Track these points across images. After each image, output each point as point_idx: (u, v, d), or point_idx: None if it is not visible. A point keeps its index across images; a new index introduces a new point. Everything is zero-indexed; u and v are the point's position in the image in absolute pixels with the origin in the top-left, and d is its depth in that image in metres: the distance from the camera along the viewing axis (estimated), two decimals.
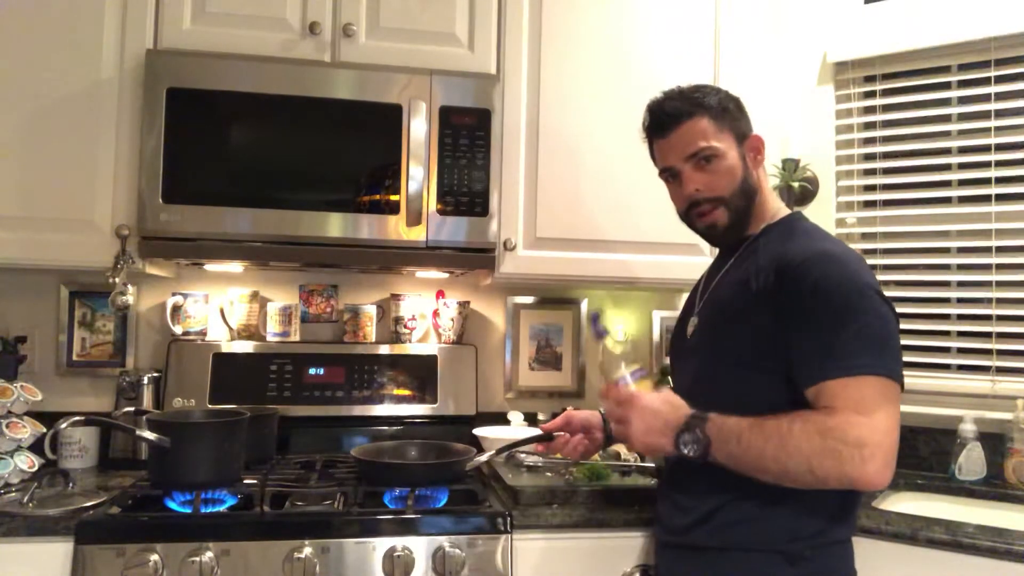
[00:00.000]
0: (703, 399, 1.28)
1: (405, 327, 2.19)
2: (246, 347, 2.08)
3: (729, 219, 1.36)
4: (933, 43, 2.15)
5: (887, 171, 2.27)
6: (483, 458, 1.66)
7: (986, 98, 2.12)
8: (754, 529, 1.21)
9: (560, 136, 2.00)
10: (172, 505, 1.54)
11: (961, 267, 2.16)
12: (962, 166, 2.17)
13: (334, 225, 1.81)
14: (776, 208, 1.40)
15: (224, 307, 2.11)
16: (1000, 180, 2.10)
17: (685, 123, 1.35)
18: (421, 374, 2.14)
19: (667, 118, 1.37)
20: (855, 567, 1.28)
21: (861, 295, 1.16)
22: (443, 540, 1.50)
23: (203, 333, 2.10)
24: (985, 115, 2.12)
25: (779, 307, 1.20)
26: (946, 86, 2.19)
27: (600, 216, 2.01)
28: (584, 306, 2.36)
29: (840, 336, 1.14)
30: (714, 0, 2.09)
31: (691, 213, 1.39)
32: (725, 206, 1.36)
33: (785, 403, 1.19)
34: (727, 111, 1.36)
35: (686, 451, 1.20)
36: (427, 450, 1.82)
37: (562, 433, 1.59)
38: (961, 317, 2.16)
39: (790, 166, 2.26)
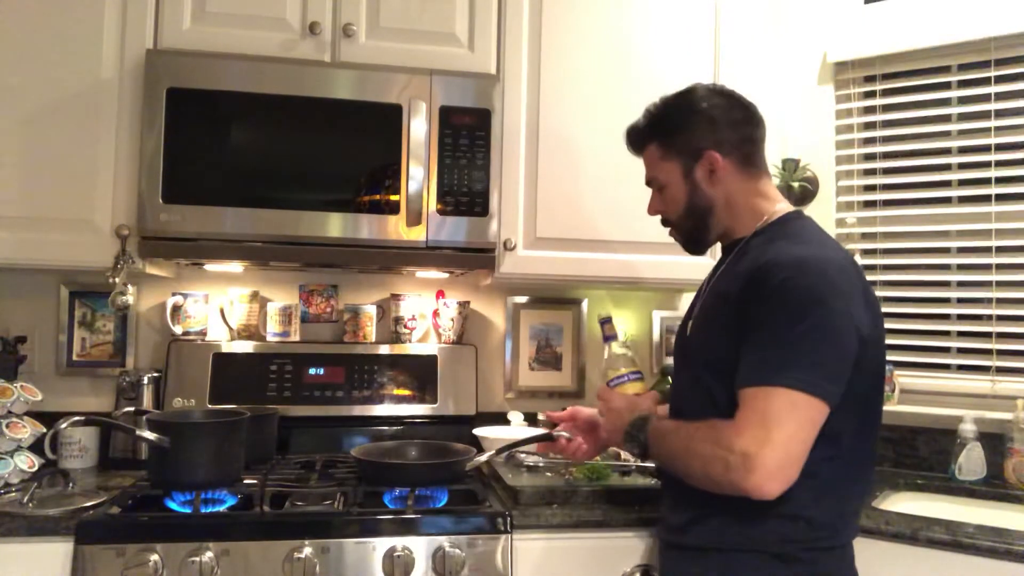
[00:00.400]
0: (691, 404, 1.33)
1: (405, 327, 2.19)
2: (246, 347, 2.08)
3: (683, 238, 1.45)
4: (933, 43, 2.15)
5: (887, 171, 2.27)
6: (483, 458, 1.66)
7: (986, 98, 2.12)
8: (746, 530, 1.20)
9: (560, 136, 2.00)
10: (172, 505, 1.54)
11: (961, 267, 2.16)
12: (962, 166, 2.17)
13: (334, 225, 1.81)
14: (770, 209, 1.35)
15: (224, 307, 2.11)
16: (1000, 180, 2.10)
17: (643, 151, 1.45)
18: (421, 374, 2.14)
19: (630, 146, 1.48)
20: (855, 569, 1.27)
21: (814, 305, 1.12)
22: (443, 540, 1.50)
23: (203, 333, 2.10)
24: (985, 115, 2.12)
25: (744, 312, 1.20)
26: (946, 86, 2.19)
27: (600, 216, 2.01)
28: (584, 306, 2.37)
29: (773, 345, 1.13)
30: (714, 0, 2.09)
31: None
32: (675, 228, 1.45)
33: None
34: (677, 131, 1.37)
35: (629, 449, 1.34)
36: (427, 450, 1.82)
37: (564, 434, 1.59)
38: (961, 317, 2.16)
39: (790, 166, 2.26)
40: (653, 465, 1.74)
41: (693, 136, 1.36)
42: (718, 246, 1.47)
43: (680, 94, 1.41)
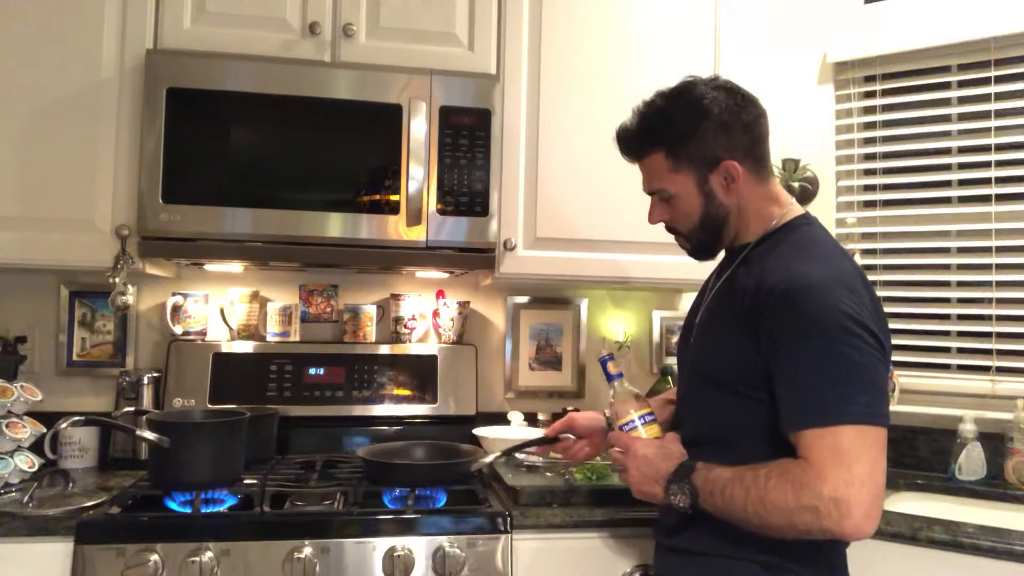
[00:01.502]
0: (691, 416, 1.32)
1: (405, 327, 2.19)
2: (246, 347, 2.08)
3: (693, 248, 1.38)
4: (933, 43, 2.15)
5: (887, 171, 2.27)
6: (488, 459, 1.66)
7: (986, 98, 2.12)
8: (733, 537, 1.17)
9: (560, 136, 2.00)
10: (172, 505, 1.54)
11: (961, 267, 2.16)
12: (962, 166, 2.17)
13: (334, 225, 1.81)
14: (778, 212, 1.29)
15: (224, 307, 2.11)
16: (1000, 180, 2.10)
17: (644, 159, 1.34)
18: (421, 374, 2.14)
19: (627, 153, 1.38)
20: None
21: (840, 331, 1.09)
22: (443, 540, 1.50)
23: (203, 333, 2.10)
24: (985, 115, 2.12)
25: (757, 336, 1.16)
26: (946, 86, 2.19)
27: (600, 216, 2.01)
28: (584, 306, 2.37)
29: (815, 381, 1.09)
30: (714, 0, 2.09)
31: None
32: (685, 239, 1.37)
33: (762, 427, 1.17)
34: (689, 138, 1.27)
35: (675, 501, 1.19)
36: (434, 451, 1.82)
37: (571, 436, 1.58)
38: (961, 317, 2.16)
39: (790, 166, 2.26)
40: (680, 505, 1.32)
41: (707, 144, 1.26)
42: None
43: (681, 93, 1.31)
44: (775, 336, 1.13)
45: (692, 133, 1.27)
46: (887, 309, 2.21)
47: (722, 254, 1.41)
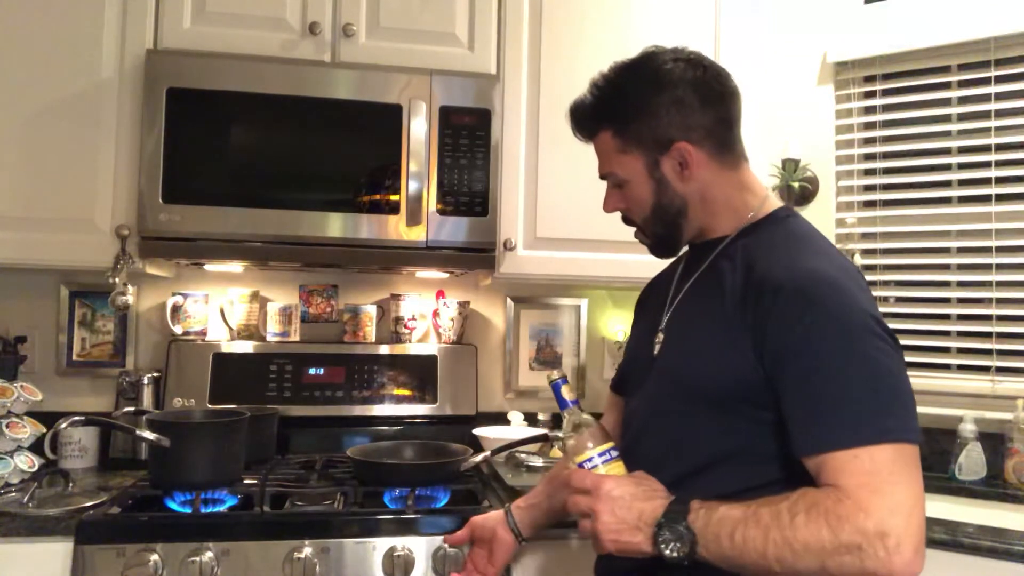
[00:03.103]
0: (658, 435, 1.11)
1: (405, 327, 2.19)
2: (246, 347, 2.08)
3: (651, 242, 1.22)
4: (933, 43, 2.15)
5: (887, 171, 2.27)
6: (478, 459, 1.66)
7: (986, 98, 2.12)
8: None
9: (560, 136, 1.99)
10: (172, 505, 1.54)
11: (961, 267, 2.16)
12: (962, 166, 2.16)
13: (334, 225, 1.81)
14: (755, 203, 1.14)
15: (224, 307, 2.11)
16: (1000, 180, 2.10)
17: (594, 138, 1.20)
18: (421, 374, 2.14)
19: (578, 131, 1.23)
20: None
21: (863, 332, 0.93)
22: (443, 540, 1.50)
23: (203, 333, 2.10)
24: (985, 115, 2.12)
25: (761, 342, 0.98)
26: (946, 86, 2.19)
27: (600, 216, 1.98)
28: (584, 306, 2.36)
29: (841, 393, 0.92)
30: (714, 0, 2.09)
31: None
32: (641, 231, 1.21)
33: (765, 452, 1.00)
34: (636, 116, 1.12)
35: (668, 551, 0.95)
36: (424, 450, 1.82)
37: (559, 434, 1.46)
38: (961, 317, 2.16)
39: (790, 166, 2.26)
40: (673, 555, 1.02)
41: (658, 123, 1.11)
42: None
43: (637, 64, 1.15)
44: (785, 340, 0.96)
45: (642, 109, 1.11)
46: (887, 309, 2.23)
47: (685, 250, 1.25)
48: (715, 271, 1.11)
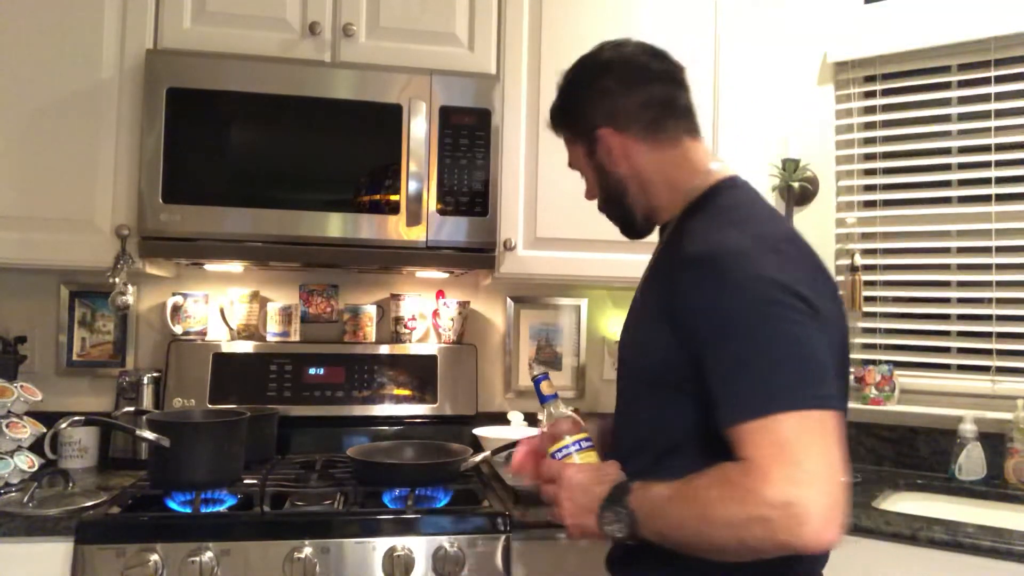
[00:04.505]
0: (624, 424, 1.15)
1: (405, 327, 2.19)
2: (246, 347, 2.08)
3: (616, 224, 1.26)
4: (933, 43, 2.15)
5: (887, 171, 2.27)
6: (477, 459, 1.66)
7: (986, 98, 2.12)
8: (690, 568, 0.98)
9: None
10: (172, 505, 1.54)
11: (961, 267, 2.16)
12: (962, 166, 2.17)
13: (334, 225, 1.81)
14: (694, 180, 1.13)
15: (224, 307, 2.11)
16: (1000, 180, 2.10)
17: (558, 133, 1.29)
18: (421, 374, 2.14)
19: (553, 131, 1.31)
20: None
21: (767, 302, 0.92)
22: (443, 540, 1.50)
23: (203, 333, 2.10)
24: (985, 115, 2.12)
25: (679, 321, 0.99)
26: (946, 86, 2.19)
27: (600, 216, 2.00)
28: (584, 306, 2.36)
29: (747, 364, 0.91)
30: (714, 0, 2.09)
31: None
32: (605, 214, 1.27)
33: (700, 430, 0.98)
34: (572, 110, 1.21)
35: (612, 531, 0.99)
36: (423, 450, 1.82)
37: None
38: (961, 317, 2.16)
39: (790, 166, 2.26)
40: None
41: (586, 113, 1.18)
42: None
43: (575, 63, 1.23)
44: (696, 316, 0.96)
45: (573, 102, 1.21)
46: (887, 310, 2.23)
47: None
48: (661, 253, 1.15)
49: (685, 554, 0.95)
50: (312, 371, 2.08)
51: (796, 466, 0.84)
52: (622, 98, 1.15)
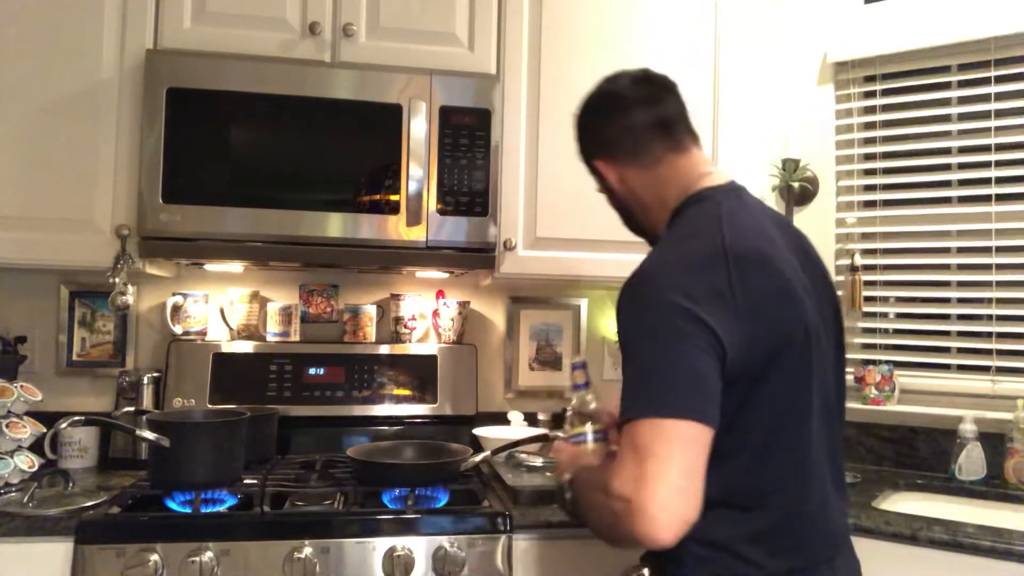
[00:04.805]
0: None
1: (405, 327, 2.19)
2: (246, 347, 2.08)
3: (646, 240, 1.33)
4: (933, 43, 2.15)
5: (887, 171, 2.27)
6: (477, 459, 1.66)
7: (986, 98, 2.12)
8: (672, 557, 1.08)
9: (560, 136, 1.99)
10: (172, 505, 1.54)
11: (961, 267, 2.16)
12: (962, 166, 2.17)
13: (334, 225, 1.81)
14: (675, 199, 1.20)
15: (224, 307, 2.11)
16: (1000, 180, 2.10)
17: None
18: (421, 374, 2.14)
19: None
20: None
21: (641, 320, 1.03)
22: (443, 540, 1.50)
23: (203, 333, 2.10)
24: (985, 115, 2.12)
25: None
26: (946, 86, 2.19)
27: (600, 216, 1.99)
28: (584, 306, 2.36)
29: (629, 375, 1.02)
30: (714, 0, 2.09)
31: None
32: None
33: None
34: (581, 148, 1.32)
35: (564, 510, 1.17)
36: (424, 450, 1.82)
37: (559, 434, 1.57)
38: (961, 317, 2.16)
39: (790, 166, 2.26)
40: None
41: (584, 148, 1.32)
42: None
43: (580, 102, 1.34)
44: (619, 332, 1.08)
45: (578, 141, 1.33)
46: (886, 310, 2.23)
47: None
48: None
49: (709, 554, 1.05)
50: (312, 371, 2.08)
51: (637, 466, 0.94)
52: (605, 129, 1.26)
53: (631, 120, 1.23)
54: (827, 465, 1.13)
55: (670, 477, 0.93)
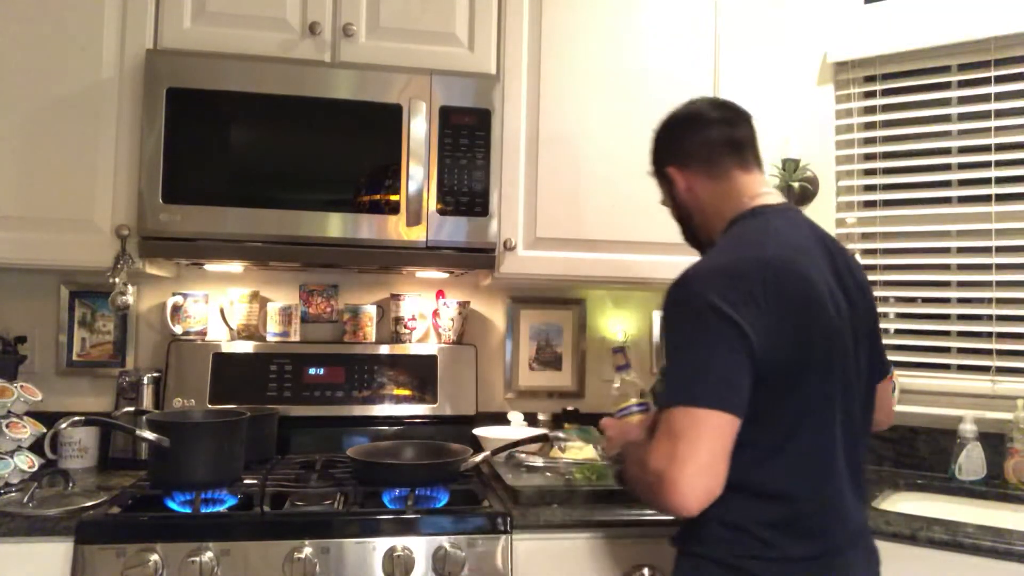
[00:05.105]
0: None
1: (405, 327, 2.19)
2: (246, 347, 2.08)
3: (694, 247, 1.46)
4: (933, 43, 2.15)
5: (887, 171, 2.27)
6: (478, 459, 1.67)
7: (986, 98, 2.12)
8: (697, 536, 1.21)
9: (560, 136, 2.00)
10: (172, 505, 1.54)
11: (961, 267, 2.16)
12: (962, 166, 2.17)
13: (334, 225, 1.81)
14: (732, 212, 1.32)
15: (224, 307, 2.11)
16: (1000, 180, 2.10)
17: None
18: (421, 374, 2.14)
19: None
20: None
21: (683, 317, 1.17)
22: (443, 540, 1.50)
23: (203, 333, 2.10)
24: (985, 115, 2.12)
25: None
26: (946, 86, 2.19)
27: (600, 216, 2.01)
28: (584, 306, 2.36)
29: (670, 367, 1.18)
30: (714, 0, 2.09)
31: None
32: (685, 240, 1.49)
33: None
34: (655, 158, 1.45)
35: (614, 473, 1.35)
36: (424, 450, 1.82)
37: (559, 434, 1.65)
38: (961, 317, 2.16)
39: (790, 166, 2.26)
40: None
41: (660, 156, 1.43)
42: None
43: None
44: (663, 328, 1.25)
45: (654, 151, 1.45)
46: (886, 309, 2.23)
47: None
48: None
49: (731, 535, 1.17)
50: (312, 371, 2.08)
51: (672, 446, 1.09)
52: (684, 140, 1.38)
53: (708, 135, 1.36)
54: (844, 465, 1.22)
55: (699, 457, 1.08)
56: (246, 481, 1.62)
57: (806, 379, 1.17)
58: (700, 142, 1.37)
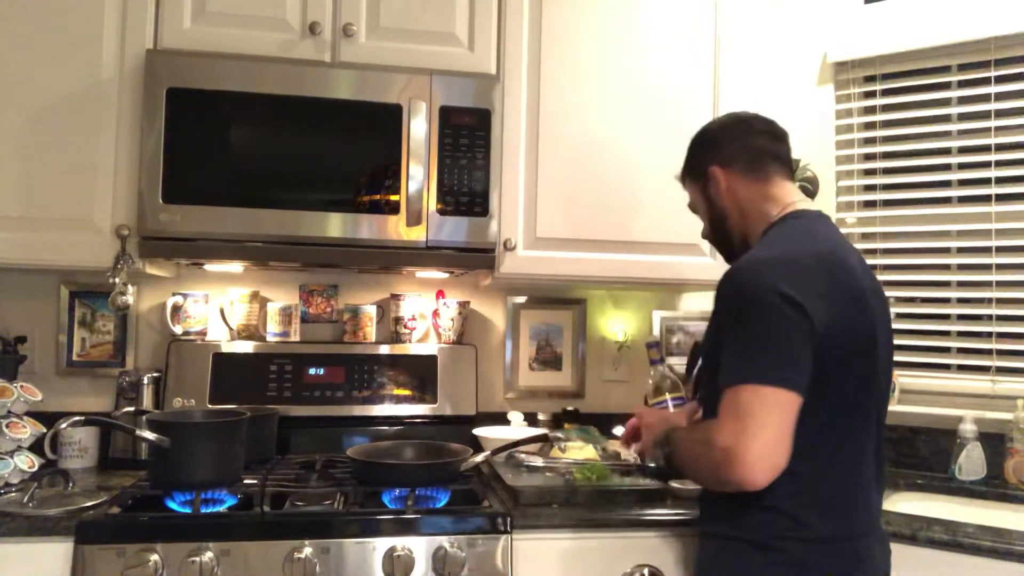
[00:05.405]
0: (709, 408, 1.36)
1: (405, 327, 2.19)
2: (246, 347, 2.08)
3: (719, 250, 1.55)
4: (933, 43, 2.15)
5: (887, 171, 2.28)
6: (478, 459, 1.66)
7: (986, 98, 2.12)
8: (733, 520, 1.27)
9: (560, 136, 2.00)
10: (172, 505, 1.54)
11: (961, 267, 2.16)
12: (962, 166, 2.17)
13: (334, 225, 1.81)
14: (775, 211, 1.39)
15: (224, 307, 2.11)
16: (1000, 180, 2.10)
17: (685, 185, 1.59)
18: (421, 374, 2.14)
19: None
20: (856, 567, 1.26)
21: (750, 301, 1.21)
22: (443, 540, 1.50)
23: (203, 333, 2.10)
24: (985, 115, 2.12)
25: (719, 316, 1.31)
26: (946, 86, 2.19)
27: (600, 216, 2.01)
28: (584, 306, 2.36)
29: (731, 347, 1.22)
30: (714, 0, 2.09)
31: None
32: (711, 243, 1.56)
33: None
34: (692, 159, 1.51)
35: (654, 460, 1.44)
36: (424, 450, 1.82)
37: (559, 434, 1.70)
38: (961, 317, 2.16)
39: None
40: (653, 465, 1.74)
41: (702, 159, 1.48)
42: None
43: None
44: (720, 309, 1.29)
45: (694, 154, 1.51)
46: None
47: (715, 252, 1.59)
48: None
49: (767, 517, 1.22)
50: (312, 371, 2.08)
51: (739, 423, 1.15)
52: (729, 143, 1.45)
53: (753, 141, 1.44)
54: (872, 458, 1.31)
55: (767, 433, 1.14)
56: (246, 481, 1.62)
57: (850, 367, 1.24)
58: (746, 145, 1.43)
